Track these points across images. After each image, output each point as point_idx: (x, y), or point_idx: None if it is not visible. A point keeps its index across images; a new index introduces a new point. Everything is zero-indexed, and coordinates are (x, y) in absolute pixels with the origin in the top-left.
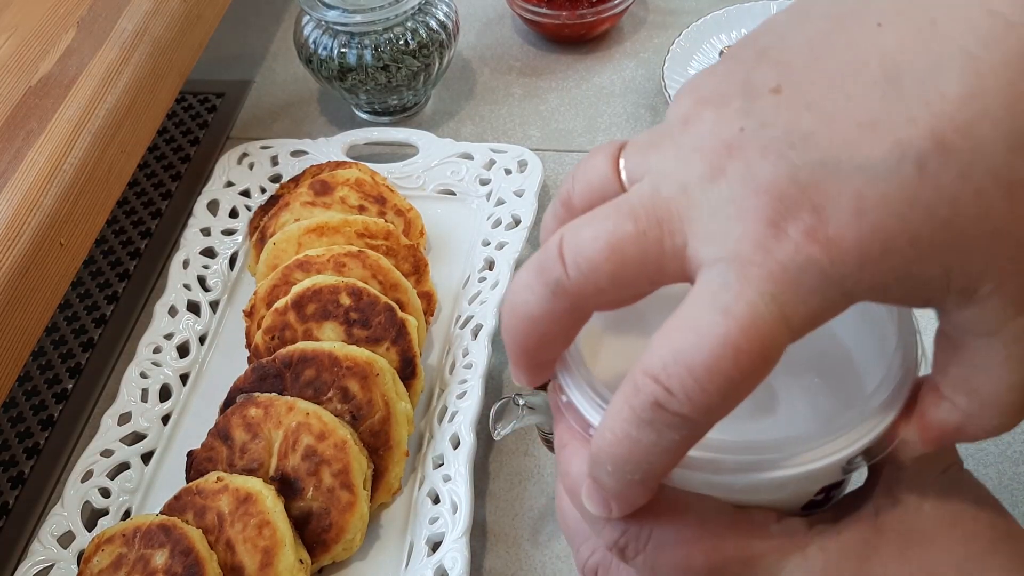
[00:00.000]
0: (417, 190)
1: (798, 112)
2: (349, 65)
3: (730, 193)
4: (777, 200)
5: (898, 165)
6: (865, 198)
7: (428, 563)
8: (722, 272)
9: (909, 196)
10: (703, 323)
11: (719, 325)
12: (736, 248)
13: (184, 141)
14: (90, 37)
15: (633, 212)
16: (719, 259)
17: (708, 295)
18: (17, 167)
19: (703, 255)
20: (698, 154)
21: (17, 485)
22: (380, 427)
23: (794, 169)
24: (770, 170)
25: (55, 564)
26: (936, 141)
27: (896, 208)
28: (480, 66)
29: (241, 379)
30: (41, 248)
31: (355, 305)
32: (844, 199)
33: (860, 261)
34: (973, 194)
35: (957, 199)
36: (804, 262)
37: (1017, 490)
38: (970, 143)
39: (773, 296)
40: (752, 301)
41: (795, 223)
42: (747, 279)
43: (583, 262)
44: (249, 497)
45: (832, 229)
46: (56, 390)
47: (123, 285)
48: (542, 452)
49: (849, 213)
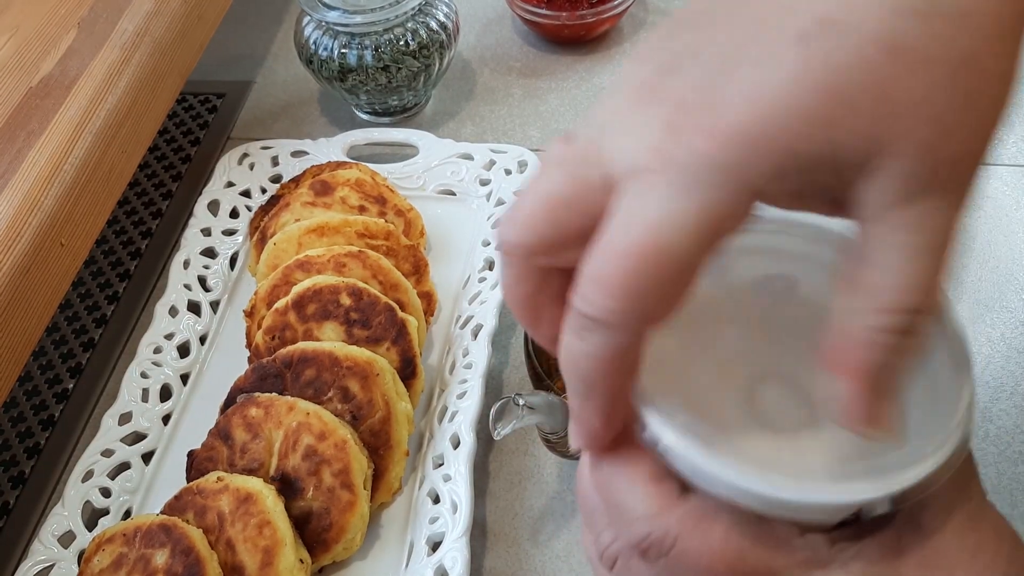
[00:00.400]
0: (417, 190)
1: (706, 34)
2: (349, 66)
3: (637, 113)
4: (674, 106)
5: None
6: (752, 82)
7: (428, 563)
8: (631, 184)
9: (794, 72)
10: (613, 234)
11: (624, 234)
12: (639, 159)
13: (185, 141)
14: (91, 38)
15: (563, 161)
16: (627, 173)
17: (621, 208)
18: (18, 167)
19: (617, 173)
20: (615, 97)
21: (18, 485)
22: (380, 427)
23: (692, 78)
24: (672, 83)
25: (56, 564)
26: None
27: (782, 87)
28: (480, 66)
29: (241, 379)
30: (42, 248)
31: (355, 305)
32: (734, 90)
33: (753, 145)
34: (857, 59)
35: (840, 66)
36: (699, 158)
37: (1017, 490)
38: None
39: (670, 198)
40: (653, 206)
41: (689, 122)
42: (649, 186)
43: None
44: (249, 497)
45: (723, 120)
46: (57, 390)
47: (124, 285)
48: (542, 452)
49: (739, 102)
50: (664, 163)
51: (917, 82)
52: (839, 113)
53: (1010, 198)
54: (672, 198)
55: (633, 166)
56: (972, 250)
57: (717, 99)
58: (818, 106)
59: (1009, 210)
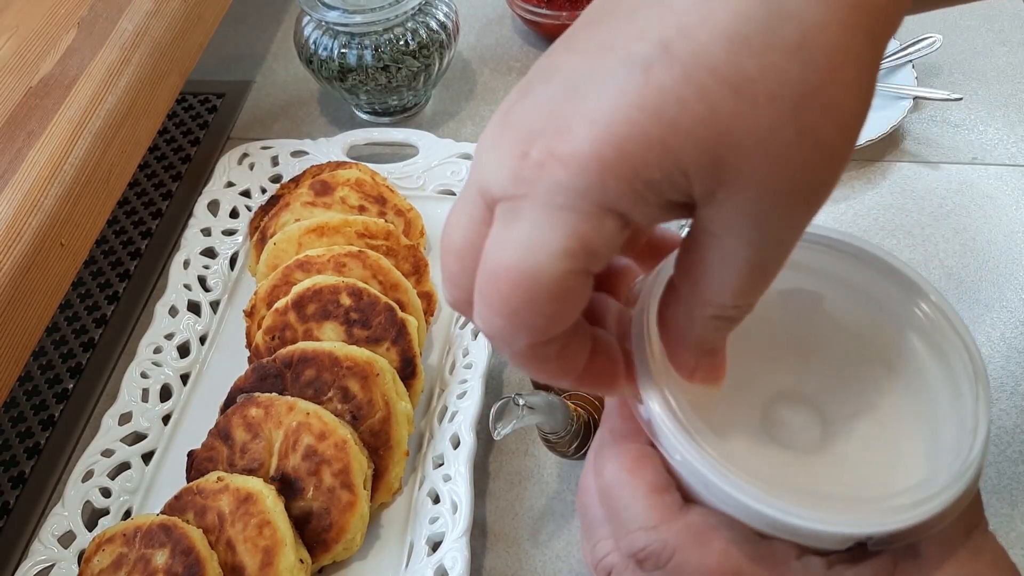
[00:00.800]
0: (417, 190)
1: (563, 57)
2: (349, 65)
3: (498, 138)
4: (526, 132)
5: (627, 73)
6: (597, 109)
7: (428, 563)
8: (499, 210)
9: (636, 100)
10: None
11: (494, 258)
12: (504, 186)
13: (184, 141)
14: (91, 38)
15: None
16: (497, 199)
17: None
18: (18, 167)
19: (492, 201)
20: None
21: (18, 485)
22: (380, 427)
23: (540, 102)
24: (523, 107)
25: (56, 564)
26: (661, 46)
27: (625, 113)
28: (480, 66)
29: (241, 379)
30: (42, 248)
31: (355, 305)
32: (580, 115)
33: (599, 169)
34: (697, 92)
35: (682, 99)
36: (551, 183)
37: (1017, 490)
38: (692, 43)
39: (533, 223)
40: (516, 231)
41: (537, 148)
42: (514, 212)
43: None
44: (250, 497)
45: (568, 145)
46: (57, 390)
47: (124, 285)
48: (542, 452)
49: (584, 126)
50: (525, 189)
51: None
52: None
53: (1010, 198)
54: (536, 223)
55: (502, 193)
56: (972, 250)
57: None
58: (659, 135)
59: (1009, 210)
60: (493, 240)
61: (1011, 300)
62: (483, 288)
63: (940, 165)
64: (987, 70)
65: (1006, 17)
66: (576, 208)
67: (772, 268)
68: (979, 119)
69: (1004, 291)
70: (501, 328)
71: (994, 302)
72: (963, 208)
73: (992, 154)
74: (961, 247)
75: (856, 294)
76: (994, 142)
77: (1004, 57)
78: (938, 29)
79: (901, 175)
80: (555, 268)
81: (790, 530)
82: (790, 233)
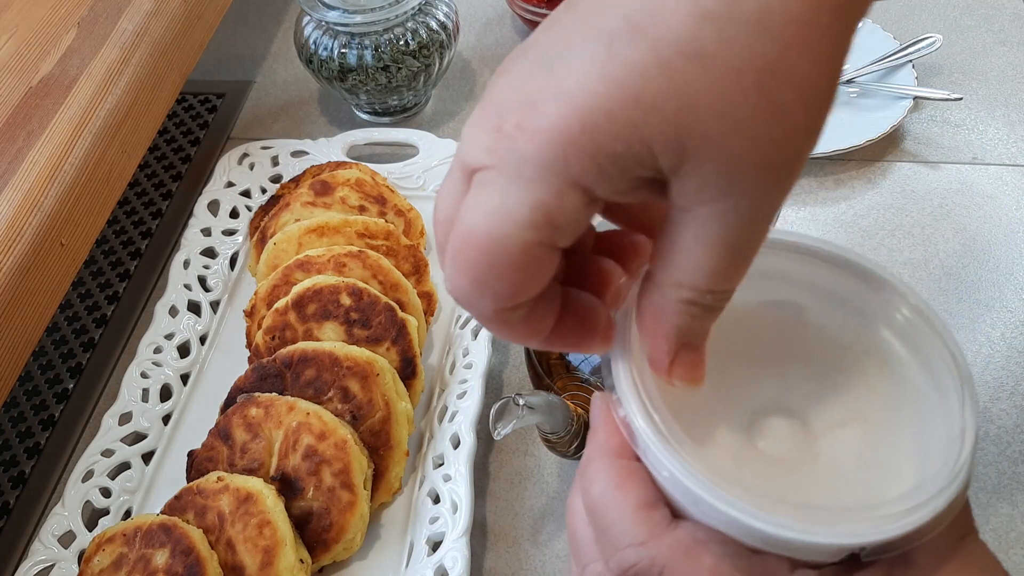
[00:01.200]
0: (417, 190)
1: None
2: (349, 65)
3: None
4: (500, 106)
5: (593, 48)
6: (563, 83)
7: (428, 563)
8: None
9: (600, 74)
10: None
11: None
12: (480, 157)
13: (185, 141)
14: (91, 38)
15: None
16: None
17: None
18: (18, 167)
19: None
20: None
21: (18, 485)
22: (380, 427)
23: (515, 78)
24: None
25: (56, 564)
26: (627, 21)
27: (589, 87)
28: (480, 66)
29: (241, 379)
30: (42, 248)
31: (355, 305)
32: (548, 89)
33: (563, 142)
34: (660, 66)
35: (646, 72)
36: (519, 155)
37: (1017, 490)
38: (656, 18)
39: (502, 193)
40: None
41: (509, 121)
42: (486, 181)
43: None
44: (250, 497)
45: (536, 119)
46: (57, 390)
47: (124, 285)
48: (542, 452)
49: (550, 100)
50: (496, 161)
51: (722, 91)
52: (644, 117)
53: (1010, 198)
54: (503, 191)
55: (477, 163)
56: (972, 250)
57: (534, 99)
58: (623, 109)
59: (1009, 210)
60: (464, 205)
61: (1011, 300)
62: (452, 251)
63: (940, 165)
64: (987, 70)
65: (1006, 17)
66: (541, 180)
67: (745, 249)
68: (979, 119)
69: (1004, 291)
70: (467, 291)
71: (994, 302)
72: (963, 208)
73: (992, 154)
74: (961, 247)
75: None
76: (994, 142)
77: (1004, 57)
78: (938, 29)
79: (901, 175)
80: (519, 238)
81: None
82: (760, 210)
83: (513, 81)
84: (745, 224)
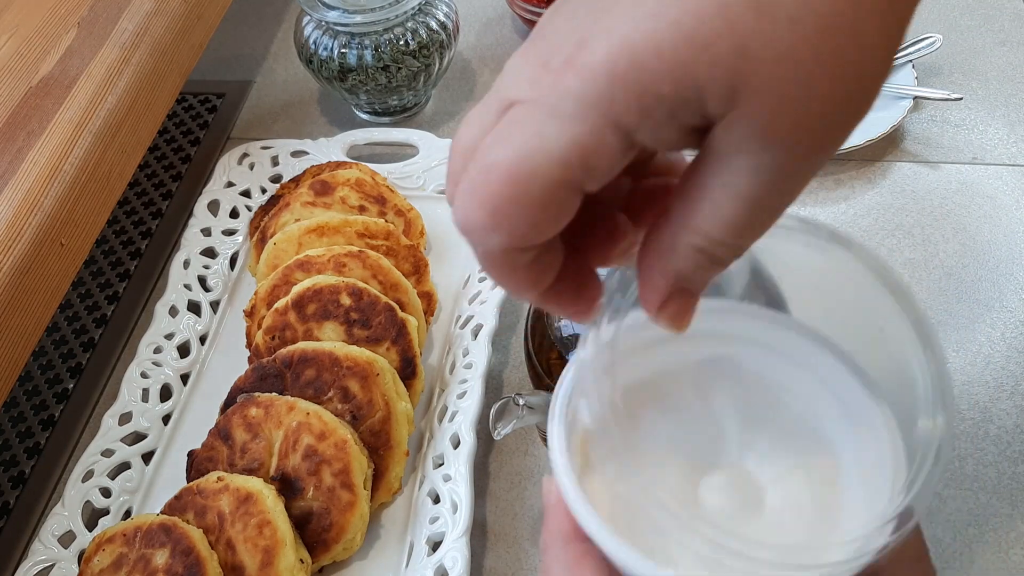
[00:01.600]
0: (417, 190)
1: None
2: (349, 65)
3: (526, 52)
4: (550, 44)
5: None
6: (616, 19)
7: (428, 563)
8: (510, 112)
9: (654, 12)
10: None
11: (494, 152)
12: (520, 91)
13: (185, 141)
14: (91, 37)
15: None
16: (510, 102)
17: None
18: (18, 167)
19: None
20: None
21: (18, 485)
22: (380, 427)
23: (569, 17)
24: (552, 22)
25: (56, 564)
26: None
27: (641, 25)
28: (480, 66)
29: (241, 379)
30: (42, 248)
31: (355, 305)
32: (601, 30)
33: (609, 80)
34: (717, 7)
35: (701, 13)
36: (566, 92)
37: (1017, 490)
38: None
39: (539, 125)
40: (520, 131)
41: (558, 58)
42: (523, 113)
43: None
44: (250, 497)
45: (585, 55)
46: (57, 390)
47: (124, 285)
48: (542, 452)
49: (603, 41)
50: (537, 95)
51: (783, 37)
52: (695, 57)
53: (1010, 198)
54: (541, 125)
55: (516, 96)
56: (972, 250)
57: (586, 37)
58: (676, 48)
59: (1009, 210)
60: (494, 135)
61: (1011, 300)
62: (471, 179)
63: (940, 165)
64: (987, 70)
65: (1006, 17)
66: (582, 118)
67: (770, 209)
68: (979, 119)
69: (1004, 291)
70: (482, 222)
71: (994, 302)
72: (963, 208)
73: (992, 154)
74: (961, 247)
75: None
76: (994, 142)
77: (1004, 57)
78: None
79: (901, 175)
80: (550, 174)
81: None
82: (796, 173)
83: (567, 20)
84: (777, 181)
